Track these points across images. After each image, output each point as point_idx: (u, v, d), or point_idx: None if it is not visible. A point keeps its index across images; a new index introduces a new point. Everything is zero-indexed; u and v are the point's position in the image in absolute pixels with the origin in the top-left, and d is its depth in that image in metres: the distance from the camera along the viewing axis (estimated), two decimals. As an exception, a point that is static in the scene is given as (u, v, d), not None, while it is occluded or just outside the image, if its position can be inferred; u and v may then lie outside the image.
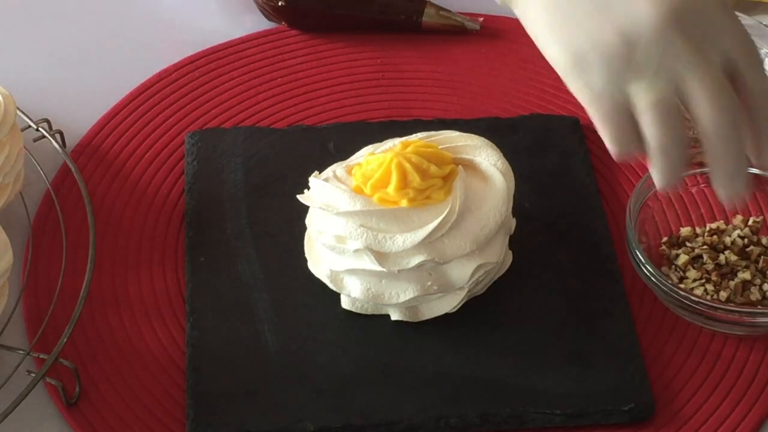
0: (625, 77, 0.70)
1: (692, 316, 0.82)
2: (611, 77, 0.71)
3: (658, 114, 0.71)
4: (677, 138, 0.71)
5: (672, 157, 0.72)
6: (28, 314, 0.83)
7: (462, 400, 0.78)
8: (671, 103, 0.71)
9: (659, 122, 0.71)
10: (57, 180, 0.91)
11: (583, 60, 0.71)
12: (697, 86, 0.70)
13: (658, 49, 0.70)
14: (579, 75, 0.72)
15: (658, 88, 0.70)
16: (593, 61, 0.71)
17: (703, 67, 0.70)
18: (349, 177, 0.81)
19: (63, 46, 1.02)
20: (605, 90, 0.71)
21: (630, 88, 0.71)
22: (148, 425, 0.78)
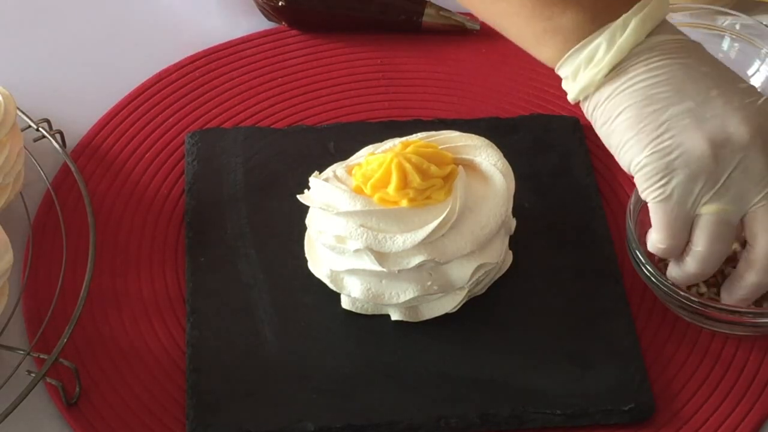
0: (702, 190, 0.73)
1: (692, 316, 0.82)
2: (690, 187, 0.73)
3: (712, 229, 0.74)
4: (721, 253, 0.75)
5: (708, 265, 0.76)
6: (28, 314, 0.83)
7: (462, 400, 0.78)
8: (730, 223, 0.74)
9: (711, 236, 0.74)
10: (57, 180, 0.91)
11: (669, 165, 0.73)
12: (762, 219, 0.73)
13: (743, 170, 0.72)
14: (658, 178, 0.74)
15: (726, 209, 0.73)
16: (678, 169, 0.73)
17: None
18: (349, 177, 0.81)
19: (63, 46, 1.02)
20: (680, 198, 0.73)
21: (702, 200, 0.73)
22: (148, 425, 0.78)
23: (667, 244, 0.76)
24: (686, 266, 0.77)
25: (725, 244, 0.75)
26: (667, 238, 0.75)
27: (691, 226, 0.75)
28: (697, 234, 0.75)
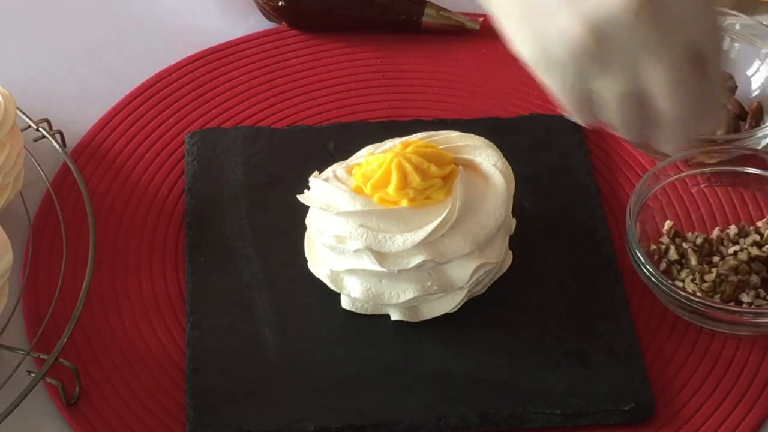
0: (591, 71, 0.71)
1: (692, 316, 0.82)
2: (578, 71, 0.71)
3: (621, 105, 0.72)
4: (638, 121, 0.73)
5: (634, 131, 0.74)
6: (28, 314, 0.83)
7: (462, 400, 0.78)
8: (635, 94, 0.71)
9: (623, 112, 0.72)
10: (57, 180, 0.91)
11: (551, 54, 0.71)
12: (660, 81, 0.70)
13: (625, 42, 0.69)
14: (547, 68, 0.72)
15: (622, 82, 0.70)
16: (561, 56, 0.71)
17: (667, 61, 0.70)
18: (349, 177, 0.81)
19: (63, 46, 1.02)
20: (574, 83, 0.71)
21: (596, 81, 0.71)
22: (148, 425, 0.78)
23: (584, 123, 0.75)
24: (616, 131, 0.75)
25: (638, 116, 0.72)
26: (583, 118, 0.74)
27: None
28: (607, 114, 0.73)
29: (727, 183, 0.90)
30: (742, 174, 0.89)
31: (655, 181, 0.87)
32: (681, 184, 0.89)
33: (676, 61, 0.70)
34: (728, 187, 0.90)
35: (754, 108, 0.94)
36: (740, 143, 0.89)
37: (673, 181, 0.89)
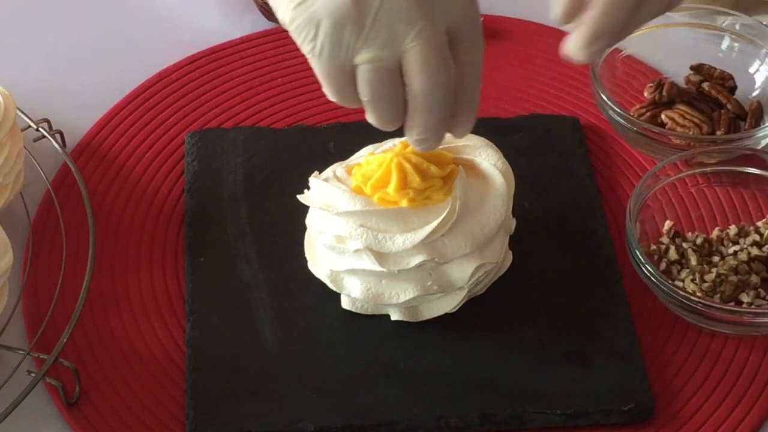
0: (350, 38, 0.69)
1: (692, 316, 0.82)
2: (338, 37, 0.69)
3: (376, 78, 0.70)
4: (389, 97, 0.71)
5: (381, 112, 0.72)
6: (28, 314, 0.83)
7: (462, 400, 0.78)
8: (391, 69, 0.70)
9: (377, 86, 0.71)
10: (57, 180, 0.91)
11: (312, 16, 0.70)
12: (417, 58, 0.70)
13: (384, 10, 0.69)
14: (306, 31, 0.70)
15: (379, 52, 0.70)
16: (323, 18, 0.69)
17: (426, 37, 0.69)
18: (349, 177, 0.81)
19: (63, 46, 1.02)
20: (331, 50, 0.70)
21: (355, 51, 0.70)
22: (148, 425, 0.78)
23: (335, 98, 0.72)
24: (368, 115, 0.73)
25: (389, 90, 0.71)
26: (333, 92, 0.72)
27: None
28: (359, 86, 0.71)
29: (727, 183, 0.90)
30: (742, 174, 0.89)
31: (655, 181, 0.87)
32: (681, 184, 0.89)
33: (432, 35, 0.69)
34: (728, 187, 0.90)
35: (754, 108, 0.94)
36: (740, 143, 0.89)
37: (673, 181, 0.89)
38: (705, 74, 0.97)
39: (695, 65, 0.97)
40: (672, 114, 0.94)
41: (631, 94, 0.97)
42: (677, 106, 0.95)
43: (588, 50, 0.75)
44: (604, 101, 0.92)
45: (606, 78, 0.94)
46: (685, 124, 0.93)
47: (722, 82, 0.96)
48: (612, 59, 0.96)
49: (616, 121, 0.92)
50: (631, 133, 0.91)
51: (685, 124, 0.93)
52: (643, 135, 0.91)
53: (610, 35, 0.75)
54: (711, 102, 0.95)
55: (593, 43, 0.75)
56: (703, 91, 0.96)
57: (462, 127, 0.75)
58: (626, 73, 0.97)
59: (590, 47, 0.75)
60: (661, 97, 0.95)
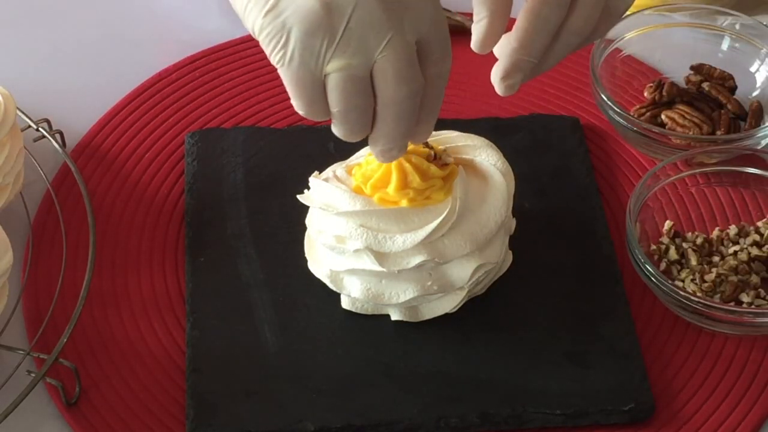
0: (321, 47, 0.69)
1: (692, 316, 0.82)
2: (309, 45, 0.69)
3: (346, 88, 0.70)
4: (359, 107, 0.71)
5: (351, 123, 0.72)
6: (28, 314, 0.83)
7: (462, 400, 0.78)
8: (362, 78, 0.70)
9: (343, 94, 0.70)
10: (57, 180, 0.91)
11: (284, 24, 0.69)
12: (389, 67, 0.69)
13: (356, 19, 0.68)
14: (277, 40, 0.69)
15: (350, 61, 0.69)
16: (294, 26, 0.69)
17: (397, 46, 0.69)
18: (349, 177, 0.81)
19: (63, 46, 1.02)
20: (302, 59, 0.69)
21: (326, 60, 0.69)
22: (148, 425, 0.78)
23: (304, 110, 0.72)
24: (335, 127, 0.73)
25: (360, 100, 0.71)
26: (303, 104, 0.71)
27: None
28: (330, 95, 0.71)
29: (727, 183, 0.90)
30: (742, 174, 0.89)
31: (655, 181, 0.87)
32: (681, 184, 0.89)
33: (403, 45, 0.69)
34: (728, 187, 0.90)
35: (754, 108, 0.94)
36: (740, 143, 0.89)
37: (673, 181, 0.89)
38: (705, 74, 0.97)
39: (695, 65, 0.97)
40: (672, 114, 0.94)
41: (631, 94, 0.97)
42: (677, 106, 0.95)
43: (505, 83, 0.76)
44: (604, 101, 0.92)
45: (606, 78, 0.94)
46: (685, 124, 0.93)
47: (722, 82, 0.96)
48: (612, 59, 0.96)
49: (616, 121, 0.92)
50: (631, 133, 0.91)
51: (685, 124, 0.93)
52: (643, 135, 0.91)
53: (527, 69, 0.76)
54: (711, 102, 0.95)
55: (510, 77, 0.76)
56: (703, 91, 0.96)
57: (420, 135, 0.75)
58: (626, 73, 0.97)
59: (507, 80, 0.76)
60: (661, 97, 0.95)
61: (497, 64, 0.77)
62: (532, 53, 0.76)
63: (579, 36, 0.76)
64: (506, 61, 0.76)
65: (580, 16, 0.75)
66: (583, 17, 0.75)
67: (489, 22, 0.76)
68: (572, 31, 0.76)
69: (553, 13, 0.75)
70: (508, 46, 0.76)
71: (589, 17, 0.75)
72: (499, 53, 0.77)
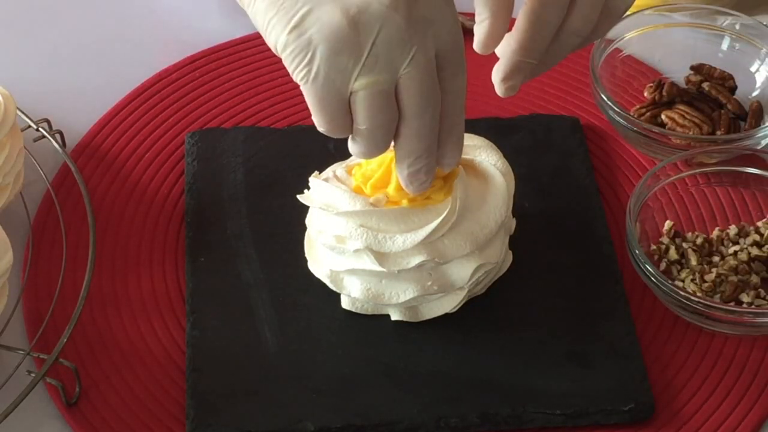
0: (347, 63, 0.69)
1: (692, 316, 0.82)
2: (335, 62, 0.69)
3: (373, 104, 0.70)
4: (386, 124, 0.71)
5: (377, 140, 0.72)
6: (28, 314, 0.83)
7: (462, 400, 0.78)
8: (387, 93, 0.70)
9: (371, 110, 0.70)
10: (57, 180, 0.91)
11: (309, 42, 0.69)
12: (412, 83, 0.70)
13: (382, 35, 0.68)
14: (302, 57, 0.69)
15: (377, 77, 0.69)
16: (319, 44, 0.69)
17: (420, 61, 0.69)
18: (349, 177, 0.81)
19: (63, 46, 1.02)
20: (327, 75, 0.69)
21: (351, 77, 0.69)
22: (148, 425, 0.78)
23: (326, 128, 0.72)
24: (358, 145, 0.73)
25: (387, 116, 0.71)
26: (326, 121, 0.71)
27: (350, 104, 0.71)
28: (357, 111, 0.71)
29: (727, 183, 0.90)
30: (742, 174, 0.89)
31: (655, 181, 0.87)
32: (681, 184, 0.89)
33: (425, 60, 0.69)
34: (728, 187, 0.90)
35: (754, 108, 0.94)
36: (740, 143, 0.89)
37: (673, 181, 0.89)
38: (705, 74, 0.97)
39: (695, 65, 0.97)
40: (672, 114, 0.94)
41: (631, 94, 0.97)
42: (677, 106, 0.95)
43: (506, 85, 0.77)
44: (604, 101, 0.92)
45: (606, 78, 0.94)
46: (685, 124, 0.93)
47: (722, 82, 0.96)
48: (612, 59, 0.96)
49: (616, 121, 0.92)
50: (631, 133, 0.91)
51: (685, 124, 0.93)
52: (643, 135, 0.91)
53: (527, 70, 0.76)
54: (711, 102, 0.95)
55: (510, 78, 0.77)
56: (703, 91, 0.96)
57: (448, 158, 0.75)
58: (626, 73, 0.97)
59: (507, 81, 0.77)
60: (661, 97, 0.95)
61: (497, 66, 0.77)
62: (532, 54, 0.76)
63: (578, 37, 0.76)
64: (506, 63, 0.76)
65: (579, 17, 0.76)
66: (582, 18, 0.76)
67: (491, 23, 0.76)
68: (572, 31, 0.76)
69: (553, 15, 0.75)
70: (508, 48, 0.76)
71: (588, 18, 0.76)
72: (500, 54, 0.77)
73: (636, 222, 0.85)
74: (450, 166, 0.76)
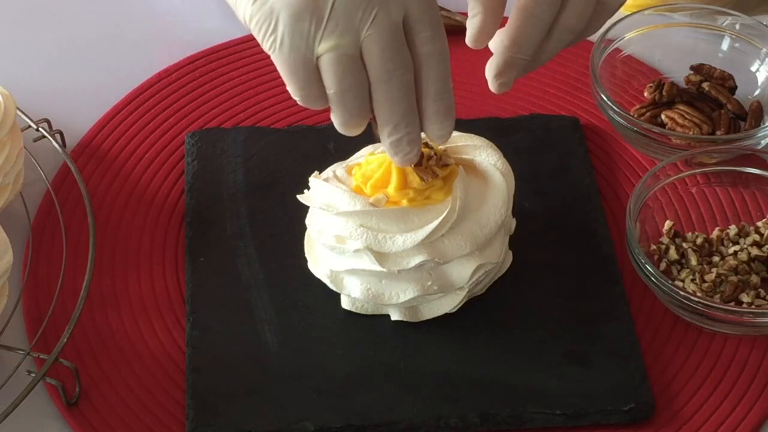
0: (310, 31, 0.70)
1: (692, 316, 0.82)
2: (297, 28, 0.70)
3: (339, 68, 0.70)
4: (354, 87, 0.71)
5: (348, 105, 0.72)
6: (28, 314, 0.83)
7: (462, 400, 0.78)
8: (350, 56, 0.70)
9: (337, 73, 0.71)
10: (57, 180, 0.91)
11: (271, 10, 0.70)
12: (374, 45, 0.70)
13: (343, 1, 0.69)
14: (266, 25, 0.71)
15: (339, 40, 0.70)
16: (281, 11, 0.70)
17: (382, 24, 0.70)
18: (349, 177, 0.81)
19: (63, 46, 1.02)
20: (292, 43, 0.70)
21: (315, 40, 0.70)
22: (148, 425, 0.78)
23: (299, 95, 0.73)
24: (334, 114, 0.73)
25: (353, 79, 0.71)
26: (298, 88, 0.72)
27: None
28: (324, 77, 0.71)
29: (727, 183, 0.90)
30: (742, 174, 0.89)
31: (655, 181, 0.87)
32: (681, 184, 0.89)
33: (388, 22, 0.70)
34: (728, 187, 0.90)
35: (754, 108, 0.94)
36: (740, 143, 0.89)
37: (673, 181, 0.89)
38: (705, 74, 0.97)
39: (695, 65, 0.97)
40: (672, 114, 0.94)
41: (631, 94, 0.97)
42: (677, 106, 0.95)
43: (499, 80, 0.77)
44: (604, 101, 0.92)
45: (606, 78, 0.94)
46: (685, 124, 0.93)
47: (722, 82, 0.96)
48: (612, 59, 0.96)
49: (616, 121, 0.92)
50: (631, 133, 0.91)
51: (685, 124, 0.93)
52: (643, 135, 0.91)
53: (520, 66, 0.77)
54: (711, 102, 0.95)
55: (503, 74, 0.77)
56: (703, 91, 0.96)
57: (436, 129, 0.74)
58: (626, 73, 0.97)
59: (501, 78, 0.77)
60: (661, 97, 0.95)
61: (490, 61, 0.77)
62: (525, 50, 0.76)
63: (572, 33, 0.77)
64: (499, 59, 0.77)
65: (572, 13, 0.76)
66: (575, 14, 0.76)
67: (483, 18, 0.76)
68: (565, 27, 0.76)
69: (545, 11, 0.75)
70: (501, 44, 0.76)
71: (581, 14, 0.76)
72: (494, 49, 0.77)
73: (636, 222, 0.85)
74: (442, 138, 0.75)
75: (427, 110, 0.73)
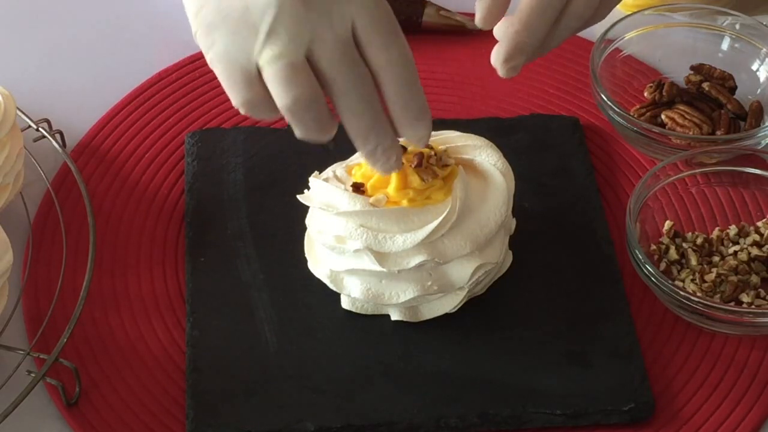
0: (248, 44, 0.69)
1: (692, 316, 0.82)
2: (236, 41, 0.70)
3: (279, 78, 0.70)
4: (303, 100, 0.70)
5: (301, 117, 0.71)
6: (28, 314, 0.83)
7: (462, 400, 0.78)
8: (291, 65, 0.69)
9: (281, 85, 0.70)
10: (57, 180, 0.91)
11: (210, 25, 0.71)
12: (322, 59, 0.69)
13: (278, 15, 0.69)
14: (207, 40, 0.71)
15: (284, 52, 0.69)
16: (219, 26, 0.70)
17: (326, 40, 0.69)
18: (349, 177, 0.81)
19: (63, 46, 1.02)
20: (232, 55, 0.70)
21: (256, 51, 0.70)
22: (148, 425, 0.78)
23: (239, 102, 0.72)
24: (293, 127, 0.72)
25: (299, 90, 0.70)
26: (237, 97, 0.72)
27: None
28: (270, 88, 0.71)
29: (727, 183, 0.90)
30: (742, 174, 0.89)
31: (655, 181, 0.87)
32: (681, 184, 0.89)
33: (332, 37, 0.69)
34: (728, 187, 0.90)
35: (754, 108, 0.94)
36: (740, 143, 0.89)
37: (673, 181, 0.89)
38: (705, 74, 0.97)
39: (695, 65, 0.97)
40: (672, 114, 0.94)
41: (631, 94, 0.97)
42: (677, 106, 0.95)
43: (508, 65, 0.77)
44: (604, 101, 0.92)
45: (606, 78, 0.94)
46: (685, 124, 0.93)
47: (722, 82, 0.96)
48: (612, 59, 0.96)
49: (616, 121, 0.92)
50: (631, 133, 0.91)
51: (685, 124, 0.93)
52: (643, 135, 0.91)
53: (529, 51, 0.77)
54: (711, 102, 0.95)
55: (512, 59, 0.77)
56: (703, 91, 0.96)
57: (412, 134, 0.73)
58: (626, 73, 0.97)
59: (510, 62, 0.77)
60: (661, 97, 0.95)
61: (498, 46, 0.77)
62: (534, 35, 0.76)
63: (580, 19, 0.77)
64: (508, 43, 0.76)
65: (581, 1, 0.76)
66: (584, 1, 0.76)
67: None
68: (574, 14, 0.76)
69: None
70: (511, 29, 0.76)
71: (590, 1, 0.76)
72: (500, 36, 0.77)
73: (636, 222, 0.85)
74: (420, 141, 0.74)
75: (396, 117, 0.72)
